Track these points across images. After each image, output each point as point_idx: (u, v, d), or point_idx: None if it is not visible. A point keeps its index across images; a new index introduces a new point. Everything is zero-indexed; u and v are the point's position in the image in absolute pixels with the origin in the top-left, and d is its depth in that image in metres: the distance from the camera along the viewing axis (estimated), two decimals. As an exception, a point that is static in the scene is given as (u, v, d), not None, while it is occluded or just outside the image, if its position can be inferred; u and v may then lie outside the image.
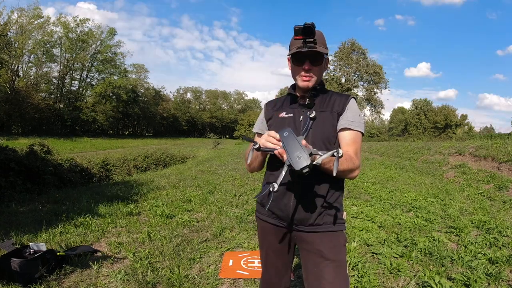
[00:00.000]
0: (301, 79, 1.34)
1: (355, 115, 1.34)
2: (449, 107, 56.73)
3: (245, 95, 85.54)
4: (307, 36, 1.22)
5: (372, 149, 20.85)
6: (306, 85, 1.34)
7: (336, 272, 1.28)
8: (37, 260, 2.42)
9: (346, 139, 1.32)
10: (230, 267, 2.82)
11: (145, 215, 4.47)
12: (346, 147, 1.30)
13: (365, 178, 8.48)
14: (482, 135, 25.35)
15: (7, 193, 6.08)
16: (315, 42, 1.24)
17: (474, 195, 6.49)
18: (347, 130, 1.32)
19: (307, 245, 1.34)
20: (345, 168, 1.21)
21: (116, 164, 13.22)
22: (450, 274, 2.71)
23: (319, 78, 1.37)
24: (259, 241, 1.52)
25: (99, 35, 46.41)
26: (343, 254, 1.33)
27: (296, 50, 1.27)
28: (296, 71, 1.35)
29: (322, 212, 1.31)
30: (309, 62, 1.30)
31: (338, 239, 1.33)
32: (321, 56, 1.32)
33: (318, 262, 1.30)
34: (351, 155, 1.26)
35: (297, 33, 1.24)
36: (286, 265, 1.47)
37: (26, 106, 35.86)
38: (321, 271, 1.29)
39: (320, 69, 1.35)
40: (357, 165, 1.27)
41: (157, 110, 59.78)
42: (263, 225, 1.46)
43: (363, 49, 44.06)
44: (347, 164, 1.21)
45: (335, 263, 1.29)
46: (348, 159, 1.23)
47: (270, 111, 1.48)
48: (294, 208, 1.31)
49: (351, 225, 4.15)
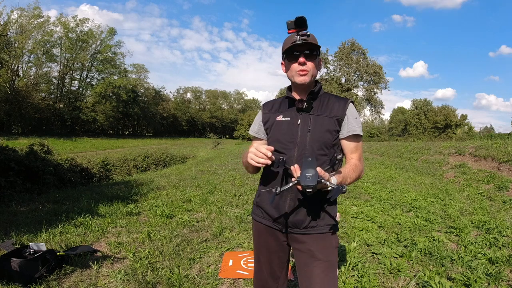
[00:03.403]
0: (297, 74, 1.33)
1: (356, 120, 1.36)
2: (449, 107, 56.59)
3: (245, 95, 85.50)
4: (300, 28, 1.23)
5: (372, 149, 20.85)
6: (303, 80, 1.33)
7: (325, 272, 1.30)
8: (37, 260, 2.42)
9: (351, 146, 1.35)
10: (230, 267, 2.82)
11: (145, 215, 4.47)
12: (351, 154, 1.36)
13: (365, 178, 8.48)
14: (482, 135, 25.35)
15: (7, 193, 6.07)
16: (309, 35, 1.26)
17: (474, 195, 6.49)
18: (351, 137, 1.35)
19: (299, 245, 1.37)
20: (354, 178, 1.29)
21: (116, 164, 13.21)
22: (450, 274, 2.71)
23: (314, 75, 1.37)
24: (254, 240, 1.54)
25: (99, 35, 46.41)
26: (334, 255, 1.36)
27: (291, 44, 1.28)
28: (292, 67, 1.35)
29: (316, 215, 1.34)
30: (304, 55, 1.30)
31: (330, 240, 1.36)
32: (315, 49, 1.32)
33: (308, 262, 1.33)
34: (356, 164, 1.32)
35: (290, 27, 1.25)
36: (280, 266, 1.48)
37: (26, 106, 35.83)
38: (311, 270, 1.31)
39: (315, 64, 1.35)
40: (362, 169, 1.34)
41: (157, 110, 59.74)
42: (258, 226, 1.48)
43: (363, 49, 44.03)
44: (355, 175, 1.29)
45: (325, 264, 1.31)
46: (355, 168, 1.29)
47: (267, 114, 1.48)
48: (289, 211, 1.34)
49: (351, 225, 4.15)
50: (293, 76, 1.36)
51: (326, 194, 1.33)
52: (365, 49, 44.22)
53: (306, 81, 1.33)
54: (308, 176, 1.03)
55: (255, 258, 1.53)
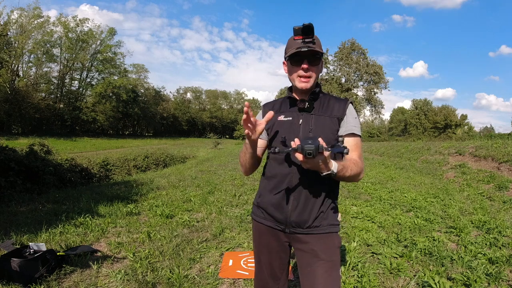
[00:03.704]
0: (299, 80, 1.35)
1: (355, 120, 1.37)
2: (449, 107, 56.57)
3: (245, 95, 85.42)
4: (306, 35, 1.24)
5: (372, 149, 20.86)
6: (304, 87, 1.34)
7: (328, 272, 1.30)
8: (37, 260, 2.42)
9: (350, 144, 1.35)
10: (230, 267, 2.82)
11: (145, 215, 4.47)
12: (351, 153, 1.34)
13: (365, 178, 8.48)
14: (482, 135, 25.35)
15: (7, 193, 6.07)
16: (314, 42, 1.26)
17: (474, 195, 6.49)
18: (350, 136, 1.35)
19: (301, 245, 1.37)
20: (355, 173, 1.27)
21: (116, 164, 13.22)
22: (450, 274, 2.71)
23: (316, 79, 1.38)
24: (254, 241, 1.53)
25: (99, 35, 46.41)
26: (336, 255, 1.36)
27: (296, 50, 1.28)
28: (295, 72, 1.35)
29: (319, 216, 1.34)
30: (308, 61, 1.31)
31: (333, 240, 1.36)
32: (319, 56, 1.33)
33: (311, 262, 1.33)
34: (357, 160, 1.31)
35: (297, 33, 1.26)
36: (281, 267, 1.47)
37: (26, 106, 35.82)
38: (314, 270, 1.31)
39: (317, 69, 1.36)
40: (362, 168, 1.33)
41: (157, 110, 59.74)
42: (259, 227, 1.47)
43: (363, 49, 44.02)
44: (356, 169, 1.27)
45: (328, 264, 1.31)
46: (356, 163, 1.28)
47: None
48: (291, 212, 1.34)
49: (351, 225, 4.15)
50: (295, 80, 1.37)
51: (327, 193, 1.34)
52: (365, 49, 44.23)
53: (307, 87, 1.35)
54: (309, 141, 1.05)
55: (256, 259, 1.52)
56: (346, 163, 1.25)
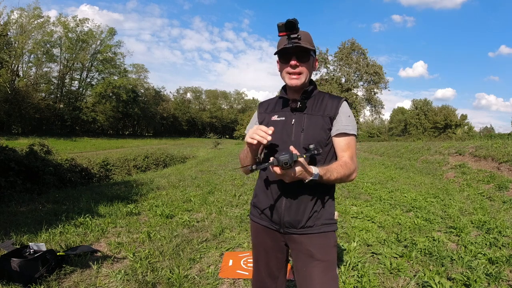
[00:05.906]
0: (288, 77, 1.34)
1: (348, 119, 1.34)
2: (449, 107, 56.61)
3: (245, 95, 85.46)
4: (290, 31, 1.22)
5: (372, 149, 20.86)
6: (294, 83, 1.33)
7: (324, 272, 1.30)
8: (37, 260, 2.42)
9: (341, 144, 1.33)
10: (230, 267, 2.82)
11: (145, 215, 4.47)
12: (342, 152, 1.33)
13: (365, 178, 8.49)
14: (482, 135, 25.35)
15: (7, 193, 6.07)
16: (300, 37, 1.24)
17: (474, 195, 6.49)
18: (341, 135, 1.33)
19: (297, 246, 1.36)
20: (342, 175, 1.25)
21: (116, 164, 13.20)
22: (450, 274, 2.71)
23: (308, 77, 1.36)
24: (252, 241, 1.54)
25: (99, 35, 46.42)
26: (332, 254, 1.35)
27: (282, 47, 1.27)
28: (284, 69, 1.34)
29: (313, 215, 1.33)
30: (296, 58, 1.29)
31: (328, 239, 1.35)
32: (307, 53, 1.30)
33: (307, 262, 1.32)
34: (346, 161, 1.29)
35: (281, 30, 1.23)
36: (278, 266, 1.48)
37: (26, 106, 35.82)
38: (310, 271, 1.31)
39: (308, 67, 1.34)
40: (353, 169, 1.30)
41: (157, 110, 59.75)
42: (255, 227, 1.48)
43: (363, 49, 43.98)
44: (343, 171, 1.25)
45: (324, 264, 1.31)
46: (343, 165, 1.27)
47: (262, 114, 1.49)
48: (285, 212, 1.33)
49: (351, 225, 4.15)
50: (285, 78, 1.36)
51: (320, 193, 1.34)
52: (365, 49, 44.13)
53: (297, 84, 1.33)
54: (283, 153, 1.08)
55: (253, 258, 1.53)
56: (331, 166, 1.24)
